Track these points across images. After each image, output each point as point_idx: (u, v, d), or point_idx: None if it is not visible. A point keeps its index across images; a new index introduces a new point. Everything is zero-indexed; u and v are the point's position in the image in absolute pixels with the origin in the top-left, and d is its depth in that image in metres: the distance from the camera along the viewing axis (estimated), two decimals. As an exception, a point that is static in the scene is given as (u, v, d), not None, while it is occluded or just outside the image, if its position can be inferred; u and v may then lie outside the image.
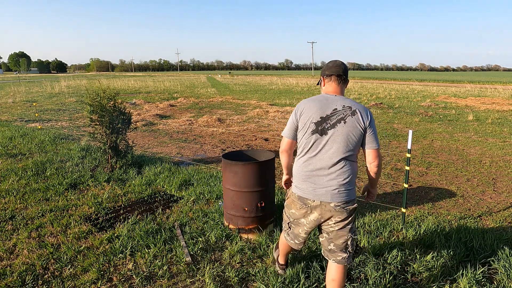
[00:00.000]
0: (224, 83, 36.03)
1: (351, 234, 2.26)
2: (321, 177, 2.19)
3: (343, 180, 2.17)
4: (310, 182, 2.22)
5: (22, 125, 10.42)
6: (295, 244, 2.49)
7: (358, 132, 2.16)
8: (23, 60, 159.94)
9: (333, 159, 2.16)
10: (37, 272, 2.95)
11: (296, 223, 2.39)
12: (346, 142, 2.15)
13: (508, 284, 2.80)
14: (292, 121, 2.28)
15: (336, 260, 2.30)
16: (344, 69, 2.29)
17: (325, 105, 2.19)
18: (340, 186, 2.17)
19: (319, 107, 2.19)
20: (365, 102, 16.96)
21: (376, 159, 2.22)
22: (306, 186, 2.23)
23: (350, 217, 2.24)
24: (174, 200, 4.50)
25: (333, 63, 2.31)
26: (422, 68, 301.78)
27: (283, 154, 2.40)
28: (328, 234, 2.29)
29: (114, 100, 5.51)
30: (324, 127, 2.16)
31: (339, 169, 2.17)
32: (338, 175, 2.17)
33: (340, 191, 2.17)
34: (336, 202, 2.18)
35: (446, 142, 8.21)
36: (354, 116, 2.16)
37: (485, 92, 23.73)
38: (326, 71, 2.32)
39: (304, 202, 2.26)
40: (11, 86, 30.16)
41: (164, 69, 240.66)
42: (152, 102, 16.99)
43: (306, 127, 2.19)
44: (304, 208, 2.27)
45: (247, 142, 8.22)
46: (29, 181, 5.15)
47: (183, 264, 3.04)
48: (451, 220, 4.04)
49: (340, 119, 2.15)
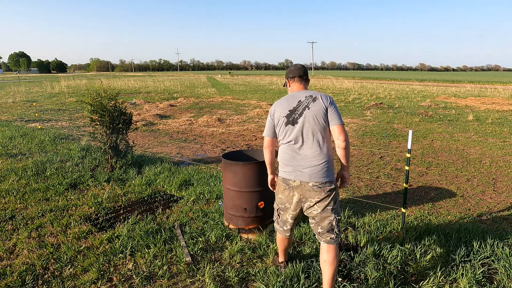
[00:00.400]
0: (224, 83, 36.04)
1: (334, 215, 2.48)
2: (299, 159, 2.47)
3: (319, 161, 2.44)
4: (290, 165, 2.50)
5: (22, 125, 10.42)
6: (283, 231, 2.71)
7: (322, 112, 2.47)
8: (23, 60, 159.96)
9: (307, 143, 2.47)
10: (37, 272, 2.95)
11: (283, 209, 2.65)
12: (314, 124, 2.46)
13: (508, 284, 2.80)
14: (269, 121, 2.63)
15: (326, 240, 2.50)
16: (304, 71, 2.69)
17: (291, 101, 2.55)
18: (316, 167, 2.44)
19: (287, 103, 2.56)
20: (365, 102, 16.96)
21: (342, 134, 2.45)
22: (287, 169, 2.52)
23: (330, 198, 2.46)
24: (174, 200, 4.50)
25: (295, 67, 2.70)
26: (422, 68, 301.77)
27: (266, 151, 2.68)
28: (314, 219, 2.51)
29: (115, 100, 5.51)
30: (293, 118, 2.50)
31: (314, 151, 2.45)
32: (314, 157, 2.45)
33: (317, 171, 2.43)
34: (313, 181, 2.43)
35: (446, 142, 8.21)
36: (315, 101, 2.50)
37: (485, 92, 23.73)
38: (289, 74, 2.70)
39: (287, 183, 2.53)
40: (11, 86, 30.17)
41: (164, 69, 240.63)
42: (152, 102, 16.99)
43: (281, 122, 2.54)
44: (287, 189, 2.54)
45: (247, 142, 8.22)
46: (29, 181, 5.16)
47: (183, 264, 3.04)
48: (451, 220, 4.04)
49: (305, 107, 2.50)
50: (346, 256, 3.13)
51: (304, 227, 3.60)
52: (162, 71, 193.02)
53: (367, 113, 13.29)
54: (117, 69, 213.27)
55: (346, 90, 25.30)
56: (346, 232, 3.65)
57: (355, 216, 4.01)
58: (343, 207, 4.23)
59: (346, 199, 4.66)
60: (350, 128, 10.00)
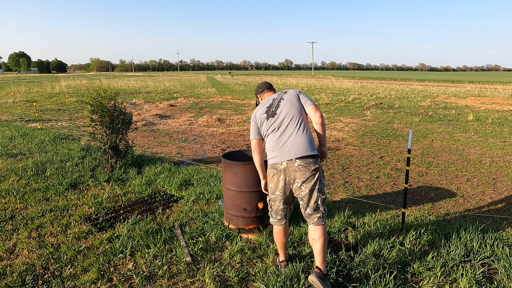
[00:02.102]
0: (224, 83, 36.04)
1: (319, 194, 2.67)
2: (283, 141, 2.69)
3: (300, 138, 2.67)
4: (276, 150, 2.70)
5: (22, 125, 10.42)
6: (278, 221, 2.82)
7: (295, 98, 2.83)
8: (23, 60, 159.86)
9: (288, 126, 2.71)
10: (37, 272, 2.95)
11: (274, 198, 2.77)
12: (290, 108, 2.76)
13: (508, 284, 2.80)
14: (253, 125, 2.90)
15: (314, 222, 2.68)
16: (270, 84, 3.18)
17: (266, 101, 2.92)
18: (299, 145, 2.65)
19: (263, 105, 2.90)
20: (365, 102, 16.96)
21: (317, 111, 2.78)
22: (274, 154, 2.70)
23: (315, 178, 2.64)
24: (174, 200, 4.50)
25: (261, 84, 3.18)
26: (422, 68, 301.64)
27: (254, 153, 2.89)
28: (303, 200, 2.68)
29: (114, 100, 5.51)
30: (272, 111, 2.81)
31: (295, 131, 2.69)
32: (296, 136, 2.67)
33: (299, 147, 2.64)
34: (298, 157, 2.60)
35: (446, 142, 8.21)
36: (286, 93, 2.89)
37: (485, 92, 23.73)
38: (259, 89, 3.16)
39: (275, 167, 2.69)
40: (11, 86, 30.17)
41: (164, 69, 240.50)
42: (152, 102, 16.99)
43: (262, 119, 2.83)
44: (276, 174, 2.69)
45: (247, 142, 8.22)
46: (29, 181, 5.16)
47: (183, 264, 3.04)
48: (451, 220, 4.04)
49: (279, 99, 2.85)
50: (346, 256, 3.13)
51: (304, 227, 3.60)
52: (162, 71, 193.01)
53: (367, 113, 13.30)
54: (117, 69, 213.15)
55: (346, 90, 25.30)
56: (346, 232, 3.65)
57: (355, 216, 4.01)
58: (343, 207, 4.24)
59: (346, 199, 4.66)
60: (350, 128, 10.00)
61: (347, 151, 7.31)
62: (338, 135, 8.99)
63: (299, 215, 3.74)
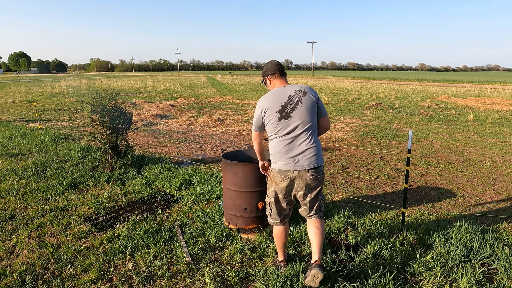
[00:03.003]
0: (224, 83, 36.03)
1: (321, 197, 2.78)
2: (296, 150, 2.61)
3: (313, 149, 2.63)
4: (288, 157, 2.62)
5: (22, 125, 10.42)
6: (279, 222, 2.83)
7: (313, 105, 2.66)
8: (23, 60, 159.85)
9: (302, 134, 2.62)
10: (37, 272, 2.95)
11: (276, 201, 2.76)
12: (307, 116, 2.62)
13: (508, 284, 2.80)
14: (258, 117, 2.71)
15: (314, 217, 2.77)
16: (282, 65, 2.85)
17: (280, 96, 2.65)
18: (312, 156, 2.62)
19: (277, 99, 2.64)
20: (365, 102, 16.96)
21: (329, 122, 2.81)
22: (284, 161, 2.63)
23: (321, 185, 2.73)
24: (174, 200, 4.50)
25: (272, 63, 2.81)
26: (422, 68, 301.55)
27: (255, 142, 2.82)
28: (307, 205, 2.74)
29: (115, 100, 5.51)
30: (286, 112, 2.61)
31: (309, 141, 2.62)
32: (309, 147, 2.62)
33: (313, 159, 2.62)
34: (311, 168, 2.61)
35: (446, 142, 8.21)
36: (305, 95, 2.65)
37: (485, 92, 23.72)
38: (269, 71, 2.79)
39: (284, 174, 2.65)
40: (11, 86, 30.16)
41: (164, 69, 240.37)
42: (152, 102, 16.99)
43: (273, 117, 2.63)
44: (285, 180, 2.66)
45: (247, 142, 8.22)
46: (29, 181, 5.16)
47: (183, 264, 3.04)
48: (451, 220, 4.04)
49: (297, 101, 2.63)
50: (346, 256, 3.13)
51: (304, 227, 3.60)
52: (162, 71, 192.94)
53: (367, 113, 13.30)
54: (117, 69, 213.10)
55: (346, 90, 25.30)
56: (346, 232, 3.65)
57: (355, 216, 4.01)
58: (343, 207, 4.24)
59: (346, 199, 4.66)
60: (350, 128, 10.00)
61: (347, 151, 7.31)
62: (338, 135, 8.99)
63: (299, 215, 3.74)
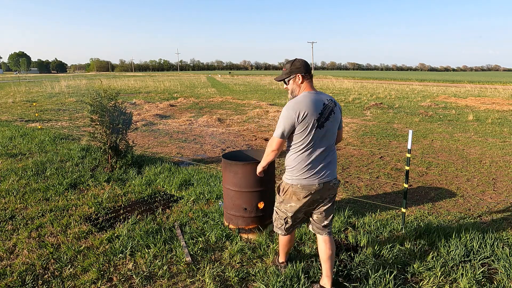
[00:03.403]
0: (224, 83, 36.03)
1: (334, 205, 2.73)
2: (324, 162, 2.50)
3: (335, 162, 2.60)
4: (314, 170, 2.47)
5: (22, 125, 10.42)
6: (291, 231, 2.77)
7: (340, 119, 2.60)
8: (23, 60, 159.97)
9: (330, 146, 2.53)
10: (37, 272, 2.95)
11: (294, 217, 2.63)
12: (335, 129, 2.55)
13: (508, 284, 2.80)
14: (290, 122, 2.39)
15: (326, 233, 2.66)
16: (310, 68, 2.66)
17: (318, 103, 2.44)
18: (334, 169, 2.59)
19: (314, 104, 2.42)
20: (365, 102, 16.96)
21: (342, 135, 2.76)
22: (309, 174, 2.47)
23: (335, 195, 2.67)
24: (174, 200, 4.50)
25: (303, 62, 2.53)
26: (422, 68, 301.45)
27: (274, 153, 2.55)
28: (322, 214, 2.63)
29: (114, 100, 5.51)
30: (322, 122, 2.44)
31: (333, 153, 2.58)
32: (333, 159, 2.58)
33: (334, 170, 2.59)
34: (332, 178, 2.56)
35: (446, 142, 8.21)
36: (335, 107, 2.54)
37: (485, 92, 23.73)
38: (302, 68, 2.50)
39: (309, 189, 2.49)
40: (11, 86, 30.16)
41: (164, 69, 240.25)
42: (152, 102, 16.99)
43: (310, 125, 2.39)
44: (309, 195, 2.50)
45: (247, 142, 8.22)
46: (29, 181, 5.16)
47: (183, 264, 3.04)
48: (451, 220, 4.04)
49: (330, 111, 2.48)
50: (346, 256, 3.13)
51: (304, 227, 3.60)
52: (162, 71, 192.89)
53: (367, 113, 13.29)
54: (117, 69, 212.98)
55: (346, 90, 25.30)
56: (346, 232, 3.65)
57: (355, 216, 4.01)
58: (343, 207, 4.23)
59: (346, 199, 4.66)
60: (350, 128, 10.00)
61: (347, 151, 7.31)
62: (338, 135, 8.98)
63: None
